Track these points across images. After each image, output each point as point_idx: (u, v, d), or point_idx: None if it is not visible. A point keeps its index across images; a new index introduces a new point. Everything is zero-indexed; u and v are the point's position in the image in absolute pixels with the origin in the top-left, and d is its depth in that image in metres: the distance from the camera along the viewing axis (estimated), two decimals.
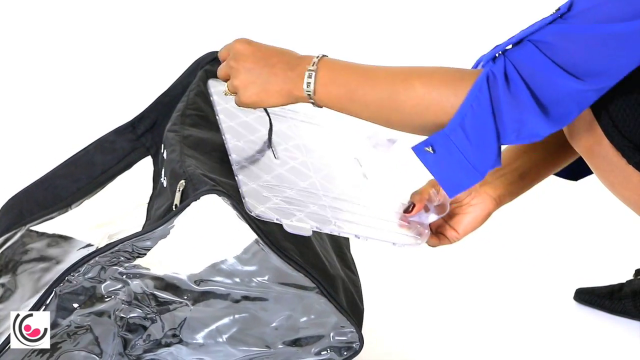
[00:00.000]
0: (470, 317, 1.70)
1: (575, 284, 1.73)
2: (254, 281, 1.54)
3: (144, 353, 1.49)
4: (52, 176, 1.64)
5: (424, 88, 1.27)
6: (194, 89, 1.61)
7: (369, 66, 1.33)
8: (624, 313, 1.66)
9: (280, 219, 1.31)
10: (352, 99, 1.30)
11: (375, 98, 1.29)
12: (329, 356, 1.46)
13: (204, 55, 1.66)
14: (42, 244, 1.63)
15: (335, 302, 1.41)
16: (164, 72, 1.96)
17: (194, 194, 1.32)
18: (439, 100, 1.26)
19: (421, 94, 1.27)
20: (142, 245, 1.38)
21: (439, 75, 1.28)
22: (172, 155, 1.45)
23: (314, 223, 1.33)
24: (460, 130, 1.25)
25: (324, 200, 1.40)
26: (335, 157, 1.54)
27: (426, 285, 1.81)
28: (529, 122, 1.24)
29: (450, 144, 1.26)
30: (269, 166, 1.43)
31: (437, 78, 1.27)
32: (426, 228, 1.44)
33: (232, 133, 1.47)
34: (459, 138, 1.25)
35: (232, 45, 1.38)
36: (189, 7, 3.28)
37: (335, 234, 1.36)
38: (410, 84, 1.27)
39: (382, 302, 1.71)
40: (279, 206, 1.33)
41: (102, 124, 1.75)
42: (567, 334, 1.65)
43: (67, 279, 1.39)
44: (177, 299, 1.52)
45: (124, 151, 1.66)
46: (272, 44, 1.38)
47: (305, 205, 1.37)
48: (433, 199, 1.44)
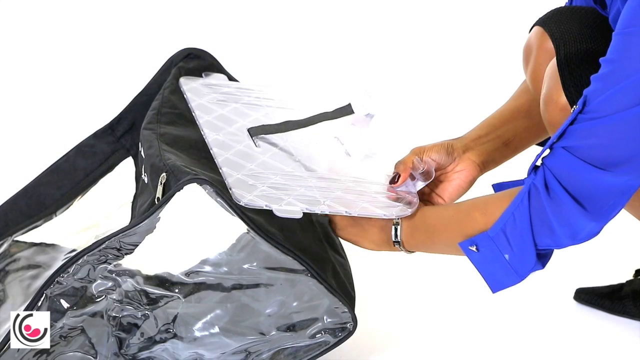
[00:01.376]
0: (470, 316, 1.69)
1: (575, 284, 1.73)
2: (244, 269, 1.54)
3: (139, 351, 1.48)
4: (35, 185, 1.65)
5: (485, 217, 1.34)
6: (168, 87, 1.62)
7: (439, 208, 1.44)
8: (624, 313, 1.66)
9: (269, 204, 1.31)
10: (433, 242, 1.41)
11: (450, 236, 1.38)
12: (323, 339, 1.46)
13: (177, 52, 1.67)
14: (30, 252, 1.63)
15: (325, 283, 1.41)
16: (138, 71, 1.97)
17: (177, 185, 1.33)
18: (484, 220, 1.34)
19: (483, 223, 1.34)
20: (129, 241, 1.38)
21: (493, 200, 1.36)
22: (151, 151, 1.45)
23: (303, 205, 1.34)
24: (502, 234, 1.32)
25: (310, 182, 1.41)
26: (315, 139, 1.55)
27: (426, 284, 1.81)
28: (577, 225, 1.29)
29: (492, 245, 1.33)
30: (251, 155, 1.44)
31: (492, 203, 1.35)
32: (415, 197, 1.45)
33: (210, 127, 1.48)
34: (501, 241, 1.32)
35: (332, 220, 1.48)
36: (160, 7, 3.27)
37: (326, 212, 1.37)
38: (472, 217, 1.35)
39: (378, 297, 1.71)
40: (266, 193, 1.34)
41: (79, 127, 1.75)
42: (567, 334, 1.64)
43: (57, 280, 1.39)
44: (168, 293, 1.52)
45: (104, 154, 1.66)
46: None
47: (292, 188, 1.38)
48: (417, 167, 1.45)
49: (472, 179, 1.49)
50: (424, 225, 1.41)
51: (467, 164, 1.48)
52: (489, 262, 1.34)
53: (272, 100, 1.63)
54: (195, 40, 1.76)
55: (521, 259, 1.32)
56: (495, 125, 1.52)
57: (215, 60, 1.69)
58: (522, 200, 1.30)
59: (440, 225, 1.40)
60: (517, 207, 1.31)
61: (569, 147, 1.28)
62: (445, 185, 1.48)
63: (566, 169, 1.28)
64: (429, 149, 1.48)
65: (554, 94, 1.38)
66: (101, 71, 2.87)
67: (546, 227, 1.30)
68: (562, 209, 1.28)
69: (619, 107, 1.24)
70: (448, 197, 1.48)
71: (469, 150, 1.49)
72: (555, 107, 1.38)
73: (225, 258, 1.56)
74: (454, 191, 1.48)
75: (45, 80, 2.82)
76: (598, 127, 1.25)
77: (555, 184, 1.28)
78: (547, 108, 1.40)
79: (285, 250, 1.39)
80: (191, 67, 1.66)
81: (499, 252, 1.32)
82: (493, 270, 1.34)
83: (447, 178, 1.49)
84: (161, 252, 1.53)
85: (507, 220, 1.31)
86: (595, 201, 1.28)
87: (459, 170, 1.48)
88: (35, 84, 2.79)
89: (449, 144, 1.49)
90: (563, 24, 1.44)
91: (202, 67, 1.67)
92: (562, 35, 1.42)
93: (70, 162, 1.65)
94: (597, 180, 1.26)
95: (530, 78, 1.50)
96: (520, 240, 1.31)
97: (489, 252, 1.33)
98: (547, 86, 1.40)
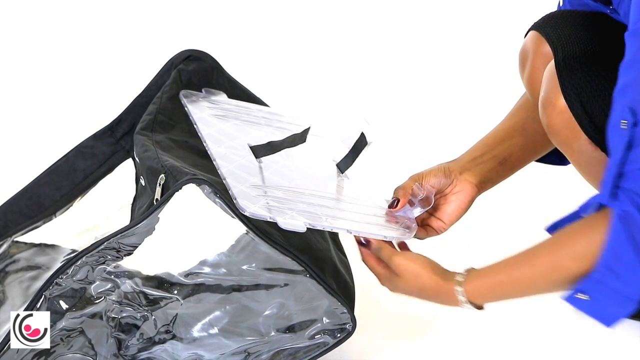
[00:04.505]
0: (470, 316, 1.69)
1: None
2: (243, 270, 1.54)
3: (138, 352, 1.48)
4: (35, 185, 1.65)
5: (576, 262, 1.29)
6: (167, 92, 1.62)
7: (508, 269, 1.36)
8: None
9: (274, 217, 1.32)
10: (506, 299, 1.38)
11: (535, 291, 1.35)
12: (323, 339, 1.47)
13: (177, 54, 1.67)
14: (29, 253, 1.64)
15: (324, 284, 1.41)
16: (138, 73, 1.97)
17: (175, 185, 1.33)
18: (583, 255, 1.29)
19: (576, 268, 1.29)
20: (128, 242, 1.38)
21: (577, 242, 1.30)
22: (147, 154, 1.45)
23: (306, 220, 1.34)
24: (608, 271, 1.28)
25: (311, 199, 1.41)
26: (314, 160, 1.56)
27: None
28: None
29: (602, 286, 1.29)
30: (253, 170, 1.44)
31: (579, 244, 1.30)
32: (413, 222, 1.45)
33: (212, 140, 1.48)
34: (609, 279, 1.28)
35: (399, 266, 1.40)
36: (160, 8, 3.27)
37: (328, 229, 1.37)
38: (564, 266, 1.30)
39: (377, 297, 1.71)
40: (270, 205, 1.34)
41: (79, 129, 1.75)
42: (567, 334, 1.64)
43: (55, 282, 1.39)
44: (166, 294, 1.52)
45: (104, 155, 1.66)
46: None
47: (294, 203, 1.38)
48: (417, 193, 1.46)
49: (470, 199, 1.48)
50: (492, 289, 1.37)
51: (465, 185, 1.48)
52: (603, 304, 1.31)
53: (271, 119, 1.63)
54: (195, 42, 1.75)
55: (633, 285, 1.28)
56: (491, 145, 1.52)
57: (215, 62, 1.69)
58: (617, 230, 1.26)
59: (516, 286, 1.35)
60: (614, 239, 1.26)
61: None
62: (444, 208, 1.48)
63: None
64: (427, 174, 1.48)
65: (552, 97, 1.38)
66: (101, 72, 2.87)
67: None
68: None
69: None
70: (447, 219, 1.48)
71: (466, 172, 1.49)
72: (553, 109, 1.38)
73: (224, 259, 1.56)
74: (453, 213, 1.48)
75: (45, 81, 2.82)
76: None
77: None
78: (545, 111, 1.40)
79: (283, 251, 1.39)
80: (191, 69, 1.66)
81: (610, 290, 1.29)
82: (607, 309, 1.31)
83: (446, 200, 1.48)
84: (160, 253, 1.53)
85: (610, 256, 1.27)
86: None
87: (457, 192, 1.48)
88: (35, 85, 2.79)
89: (445, 167, 1.49)
90: (559, 28, 1.44)
91: (202, 69, 1.67)
92: (559, 38, 1.42)
93: (69, 163, 1.65)
94: None
95: (527, 83, 1.50)
96: (628, 268, 1.27)
97: (599, 294, 1.29)
98: (545, 89, 1.40)
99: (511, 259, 1.36)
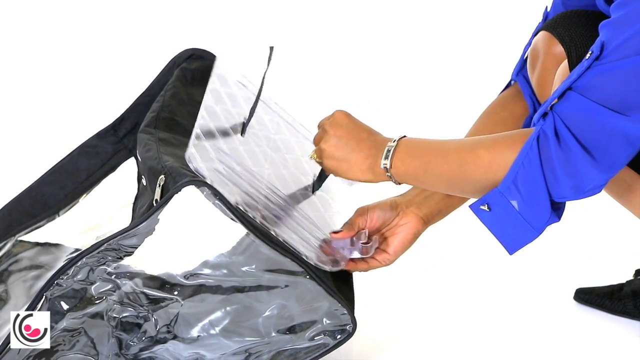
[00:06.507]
0: (470, 316, 1.69)
1: (575, 284, 1.72)
2: (243, 271, 1.54)
3: (140, 351, 1.49)
4: (38, 185, 1.65)
5: (490, 155, 1.30)
6: (170, 90, 1.62)
7: (441, 140, 1.38)
8: (624, 313, 1.65)
9: (213, 182, 1.31)
10: (426, 171, 1.35)
11: (446, 169, 1.34)
12: (323, 341, 1.46)
13: (180, 53, 1.67)
14: (33, 252, 1.64)
15: (324, 285, 1.41)
16: (140, 72, 1.97)
17: (175, 187, 1.33)
18: (504, 163, 1.29)
19: (487, 161, 1.30)
20: (128, 243, 1.38)
21: (501, 140, 1.31)
22: (149, 154, 1.45)
23: (241, 200, 1.33)
24: (513, 187, 1.28)
25: (263, 190, 1.40)
26: (295, 164, 1.55)
27: (425, 283, 1.81)
28: (583, 176, 1.26)
29: (504, 201, 1.29)
30: (230, 138, 1.43)
31: (499, 143, 1.31)
32: (344, 260, 1.45)
33: (213, 94, 1.47)
34: (513, 195, 1.28)
35: (333, 113, 1.43)
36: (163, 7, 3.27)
37: (257, 221, 1.35)
38: (476, 154, 1.32)
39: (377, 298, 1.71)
40: (217, 170, 1.33)
41: (82, 128, 1.76)
42: (567, 334, 1.64)
43: (56, 282, 1.39)
44: (167, 295, 1.52)
45: (107, 154, 1.66)
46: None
47: (241, 184, 1.37)
48: (360, 237, 1.46)
49: (416, 231, 1.48)
50: (420, 151, 1.36)
51: (411, 218, 1.48)
52: (502, 220, 1.31)
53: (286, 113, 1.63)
54: (198, 41, 1.75)
55: (535, 211, 1.29)
56: None
57: None
58: (532, 148, 1.27)
59: (438, 154, 1.35)
60: (526, 155, 1.27)
61: (583, 90, 1.25)
62: (390, 240, 1.48)
63: (579, 114, 1.25)
64: (373, 207, 1.49)
65: None
66: (104, 71, 2.88)
67: (551, 177, 1.27)
68: (569, 158, 1.25)
69: (636, 50, 1.22)
70: (392, 251, 1.48)
71: (413, 205, 1.49)
72: None
73: (225, 260, 1.56)
74: (399, 244, 1.48)
75: (48, 80, 2.83)
76: (615, 70, 1.23)
77: (565, 131, 1.25)
78: None
79: (283, 252, 1.39)
80: (194, 67, 1.66)
81: (511, 207, 1.29)
82: (507, 229, 1.31)
83: (392, 232, 1.49)
84: (161, 254, 1.54)
85: (518, 171, 1.28)
86: (605, 149, 1.25)
87: (403, 224, 1.48)
88: (38, 85, 2.81)
89: (392, 201, 1.50)
90: (571, 28, 1.43)
91: (205, 67, 1.67)
92: (572, 38, 1.42)
93: (73, 162, 1.66)
94: (611, 123, 1.24)
95: (536, 84, 1.49)
96: (532, 190, 1.27)
97: (501, 209, 1.30)
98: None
99: (447, 142, 1.36)
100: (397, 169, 1.37)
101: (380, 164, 1.37)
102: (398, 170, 1.37)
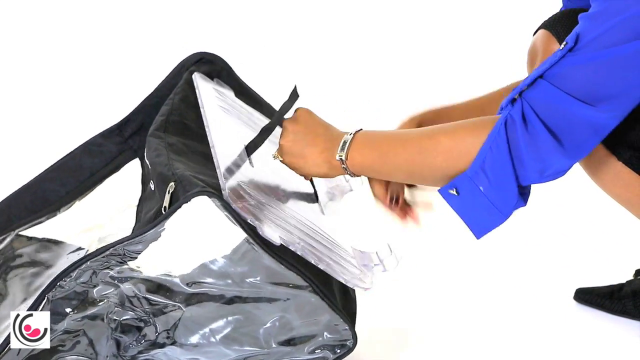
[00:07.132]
0: (470, 316, 1.69)
1: (575, 284, 1.73)
2: (246, 282, 1.54)
3: (138, 354, 1.49)
4: (40, 180, 1.64)
5: (450, 141, 1.30)
6: (179, 93, 1.61)
7: (401, 130, 1.38)
8: (624, 313, 1.66)
9: (254, 221, 1.31)
10: (384, 161, 1.35)
11: (406, 157, 1.33)
12: (322, 354, 1.47)
13: (189, 56, 1.67)
14: (32, 249, 1.63)
15: (328, 301, 1.41)
16: (149, 74, 1.96)
17: (185, 196, 1.32)
18: (466, 149, 1.30)
19: (448, 146, 1.30)
20: (133, 249, 1.38)
21: (463, 126, 1.31)
22: (159, 159, 1.44)
23: (283, 235, 1.33)
24: (481, 172, 1.28)
25: (290, 220, 1.40)
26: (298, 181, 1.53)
27: (425, 284, 1.81)
28: (550, 160, 1.27)
29: (472, 185, 1.29)
30: (245, 168, 1.43)
31: (461, 129, 1.31)
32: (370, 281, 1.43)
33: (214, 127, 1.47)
34: (481, 179, 1.29)
35: (295, 111, 1.43)
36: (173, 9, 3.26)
37: (298, 252, 1.36)
38: (437, 140, 1.31)
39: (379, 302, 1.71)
40: (254, 208, 1.33)
41: (87, 127, 1.75)
42: (567, 334, 1.64)
43: (58, 284, 1.38)
44: (169, 301, 1.52)
45: (111, 154, 1.66)
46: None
47: (275, 219, 1.37)
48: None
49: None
50: (378, 142, 1.36)
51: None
52: (470, 204, 1.31)
53: None
54: (207, 45, 1.75)
55: (503, 195, 1.29)
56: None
57: (226, 65, 1.68)
58: (499, 132, 1.27)
59: (398, 143, 1.34)
60: (494, 140, 1.27)
61: (554, 79, 1.26)
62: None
63: (547, 101, 1.26)
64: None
65: None
66: (112, 73, 2.87)
67: (518, 161, 1.27)
68: (537, 142, 1.26)
69: (611, 43, 1.23)
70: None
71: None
72: None
73: (228, 270, 1.56)
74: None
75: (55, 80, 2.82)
76: (588, 62, 1.24)
77: (533, 117, 1.26)
78: None
79: (289, 266, 1.38)
80: (202, 71, 1.65)
81: (479, 192, 1.29)
82: (475, 213, 1.31)
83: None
84: (163, 260, 1.53)
85: (486, 156, 1.28)
86: (573, 135, 1.25)
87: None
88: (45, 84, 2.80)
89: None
90: (570, 27, 1.44)
91: (214, 71, 1.67)
92: None
93: (76, 159, 1.65)
94: (578, 113, 1.25)
95: None
96: (500, 174, 1.28)
97: (469, 193, 1.30)
98: None
99: (407, 131, 1.37)
100: (354, 160, 1.36)
101: (336, 156, 1.37)
102: (354, 162, 1.36)
